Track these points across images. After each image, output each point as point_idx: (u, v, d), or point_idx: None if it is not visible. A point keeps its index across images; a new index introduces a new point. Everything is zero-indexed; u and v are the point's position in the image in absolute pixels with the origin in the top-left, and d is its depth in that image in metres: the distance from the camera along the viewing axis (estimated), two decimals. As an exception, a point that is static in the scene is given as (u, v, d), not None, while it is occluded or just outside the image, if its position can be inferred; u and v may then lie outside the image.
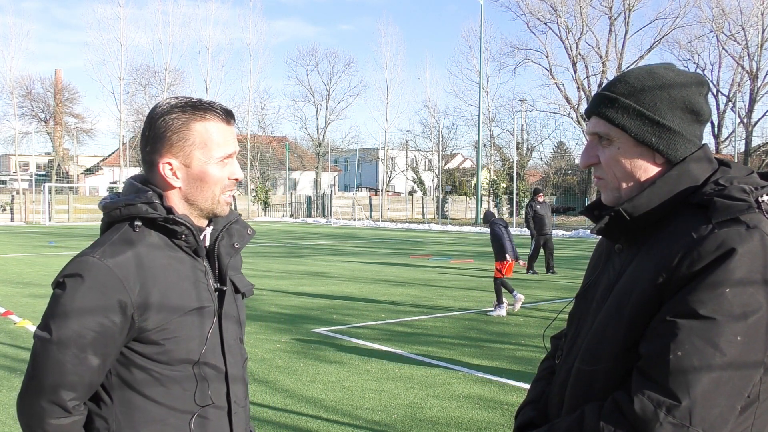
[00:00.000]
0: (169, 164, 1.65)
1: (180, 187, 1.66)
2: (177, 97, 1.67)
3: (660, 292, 1.32)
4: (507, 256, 10.17)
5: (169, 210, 1.64)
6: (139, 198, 1.63)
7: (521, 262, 10.20)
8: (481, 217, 11.04)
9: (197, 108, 1.65)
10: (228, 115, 1.69)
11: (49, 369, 1.53)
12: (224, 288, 1.73)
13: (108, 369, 1.59)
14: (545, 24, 48.36)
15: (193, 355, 1.63)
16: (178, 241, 1.65)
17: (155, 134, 1.64)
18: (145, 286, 1.57)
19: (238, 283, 1.80)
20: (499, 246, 10.25)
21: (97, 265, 1.54)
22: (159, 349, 1.59)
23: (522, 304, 10.49)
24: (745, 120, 44.12)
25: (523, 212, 15.95)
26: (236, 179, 1.71)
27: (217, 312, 1.70)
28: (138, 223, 1.62)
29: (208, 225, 1.75)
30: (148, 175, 1.70)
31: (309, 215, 52.80)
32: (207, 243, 1.75)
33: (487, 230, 10.78)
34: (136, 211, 1.62)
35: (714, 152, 1.47)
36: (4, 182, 55.68)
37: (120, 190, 1.74)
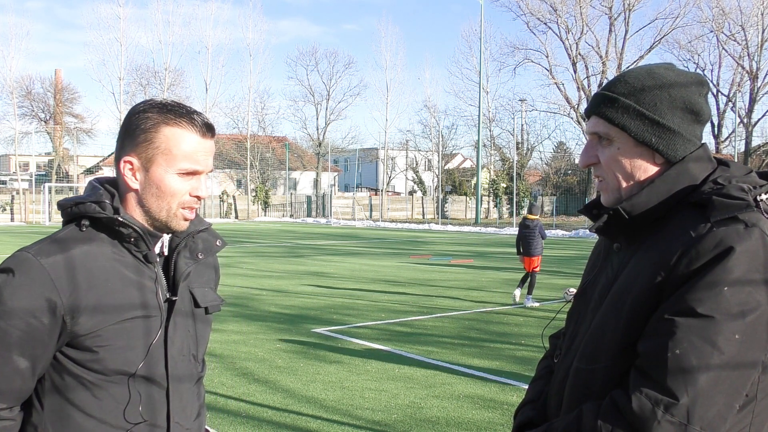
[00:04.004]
0: (130, 163, 1.57)
1: (137, 190, 1.58)
2: (163, 99, 1.60)
3: (658, 290, 1.32)
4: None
5: (116, 211, 1.54)
6: (90, 197, 1.56)
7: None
8: (527, 211, 11.48)
9: (173, 112, 1.56)
10: (206, 128, 1.58)
11: None
12: (174, 298, 1.62)
13: (40, 374, 1.51)
14: (545, 24, 48.42)
15: (130, 367, 1.53)
16: (127, 245, 1.57)
17: (126, 131, 1.58)
18: (80, 288, 1.48)
19: (201, 297, 1.69)
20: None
21: (30, 262, 1.47)
22: (93, 357, 1.50)
23: (522, 304, 10.84)
24: (745, 120, 44.12)
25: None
26: (197, 197, 1.60)
27: (164, 323, 1.59)
28: (85, 222, 1.55)
29: (166, 231, 1.64)
30: (115, 172, 1.63)
31: (309, 215, 52.81)
32: (165, 250, 1.65)
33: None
34: (85, 210, 1.55)
35: (714, 152, 1.48)
36: (4, 182, 55.70)
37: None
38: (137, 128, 1.56)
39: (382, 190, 54.21)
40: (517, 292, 10.91)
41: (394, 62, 67.77)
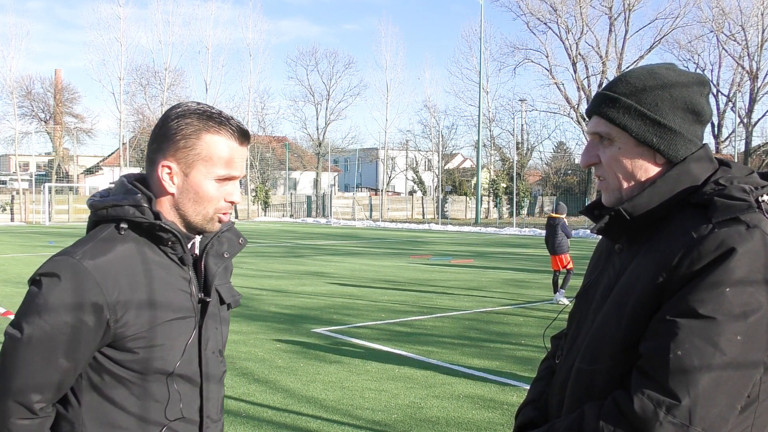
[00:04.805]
0: (169, 168, 1.58)
1: (173, 194, 1.60)
2: (198, 104, 1.62)
3: (660, 291, 1.32)
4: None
5: (157, 215, 1.57)
6: (127, 200, 1.57)
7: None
8: (555, 210, 11.69)
9: (214, 120, 1.59)
10: (243, 136, 1.62)
11: (17, 368, 1.48)
12: (208, 299, 1.67)
13: (79, 373, 1.54)
14: (545, 24, 48.39)
15: (168, 366, 1.57)
16: (164, 248, 1.60)
17: (165, 134, 1.59)
18: (124, 291, 1.51)
19: (224, 293, 1.75)
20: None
21: (76, 266, 1.48)
22: (133, 357, 1.54)
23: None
24: (745, 120, 44.12)
25: None
26: (232, 201, 1.64)
27: (198, 323, 1.64)
28: (124, 225, 1.57)
29: (198, 233, 1.69)
30: (147, 173, 1.64)
31: (309, 215, 52.81)
32: (196, 250, 1.69)
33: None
34: (123, 213, 1.56)
35: (714, 152, 1.47)
36: (4, 182, 55.68)
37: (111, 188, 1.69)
38: (177, 133, 1.57)
39: (382, 190, 54.19)
40: (562, 299, 10.94)
41: (394, 62, 67.86)
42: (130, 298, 1.52)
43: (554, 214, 11.42)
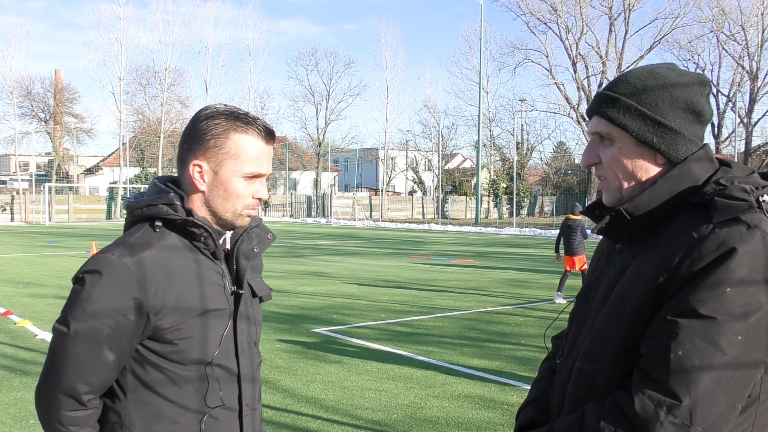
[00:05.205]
0: (199, 167, 1.67)
1: (204, 192, 1.69)
2: (226, 105, 1.70)
3: (661, 291, 1.32)
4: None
5: (189, 212, 1.66)
6: (161, 199, 1.66)
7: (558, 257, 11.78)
8: (570, 211, 11.77)
9: (241, 120, 1.67)
10: (269, 135, 1.70)
11: (65, 362, 1.57)
12: (240, 291, 1.75)
13: (123, 365, 1.63)
14: (545, 24, 48.36)
15: (206, 356, 1.66)
16: (197, 243, 1.68)
17: (195, 135, 1.67)
18: (162, 285, 1.60)
19: (256, 287, 1.83)
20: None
21: (116, 263, 1.57)
22: (173, 349, 1.62)
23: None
24: (745, 120, 44.12)
25: None
26: (260, 198, 1.72)
27: (232, 315, 1.72)
28: (158, 223, 1.66)
29: (228, 228, 1.77)
30: (179, 173, 1.73)
31: (309, 215, 52.81)
32: (227, 246, 1.78)
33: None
34: (157, 211, 1.65)
35: (714, 152, 1.47)
36: (4, 182, 55.68)
37: (144, 190, 1.78)
38: (207, 133, 1.66)
39: (382, 190, 54.20)
40: (560, 299, 10.95)
41: (394, 62, 67.97)
42: (168, 292, 1.60)
43: (573, 216, 11.43)
